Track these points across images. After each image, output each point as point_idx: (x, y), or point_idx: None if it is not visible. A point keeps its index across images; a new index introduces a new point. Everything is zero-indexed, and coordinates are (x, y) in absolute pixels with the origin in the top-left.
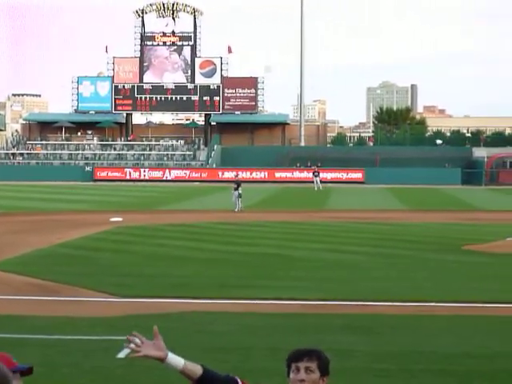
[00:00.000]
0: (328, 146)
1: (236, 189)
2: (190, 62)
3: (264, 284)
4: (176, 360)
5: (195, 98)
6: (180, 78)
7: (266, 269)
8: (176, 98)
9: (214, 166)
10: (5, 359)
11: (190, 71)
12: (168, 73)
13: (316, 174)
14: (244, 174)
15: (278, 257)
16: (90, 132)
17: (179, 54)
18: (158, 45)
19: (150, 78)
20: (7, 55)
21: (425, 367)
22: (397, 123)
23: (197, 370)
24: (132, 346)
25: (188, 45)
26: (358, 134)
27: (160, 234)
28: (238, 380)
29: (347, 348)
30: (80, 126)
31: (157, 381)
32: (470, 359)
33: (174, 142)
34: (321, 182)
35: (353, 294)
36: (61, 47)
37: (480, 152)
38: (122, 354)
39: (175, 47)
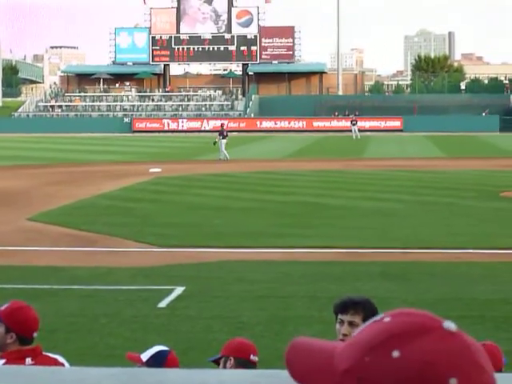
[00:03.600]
0: (366, 94)
1: (223, 137)
2: (220, 13)
3: (301, 233)
4: None
5: (232, 48)
6: (210, 28)
7: (303, 217)
8: (213, 48)
9: (252, 115)
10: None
11: (220, 22)
12: (199, 24)
13: (354, 122)
14: (282, 124)
15: (316, 205)
16: (127, 83)
17: (209, 4)
18: None
19: (184, 29)
20: (44, 8)
21: (463, 314)
22: (434, 71)
23: None
24: None
25: None
26: (395, 83)
27: (199, 184)
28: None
29: (385, 295)
30: (118, 78)
31: (197, 330)
32: (508, 305)
33: (212, 93)
34: (359, 130)
35: (390, 242)
36: None
37: None
38: (162, 304)
39: None
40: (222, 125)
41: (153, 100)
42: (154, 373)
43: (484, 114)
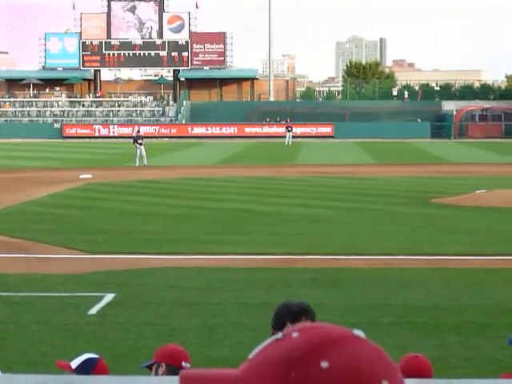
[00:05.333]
0: (297, 100)
1: (141, 144)
2: (144, 21)
3: (233, 239)
4: None
5: (163, 53)
6: (134, 36)
7: (234, 224)
8: (144, 53)
9: (184, 121)
10: None
11: (144, 30)
12: (123, 32)
13: (289, 129)
14: (213, 130)
15: (247, 212)
16: (58, 89)
17: (133, 13)
18: (126, 0)
19: (114, 34)
20: None
21: (394, 320)
22: (366, 77)
23: None
24: None
25: (156, 0)
26: (327, 89)
27: (130, 191)
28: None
29: (317, 302)
30: (48, 83)
31: (128, 337)
32: (438, 311)
33: (143, 99)
34: (292, 137)
35: (321, 248)
36: (28, 4)
37: (449, 105)
38: (93, 311)
39: (129, 6)
40: (138, 131)
41: (83, 105)
42: (82, 380)
43: (411, 121)
